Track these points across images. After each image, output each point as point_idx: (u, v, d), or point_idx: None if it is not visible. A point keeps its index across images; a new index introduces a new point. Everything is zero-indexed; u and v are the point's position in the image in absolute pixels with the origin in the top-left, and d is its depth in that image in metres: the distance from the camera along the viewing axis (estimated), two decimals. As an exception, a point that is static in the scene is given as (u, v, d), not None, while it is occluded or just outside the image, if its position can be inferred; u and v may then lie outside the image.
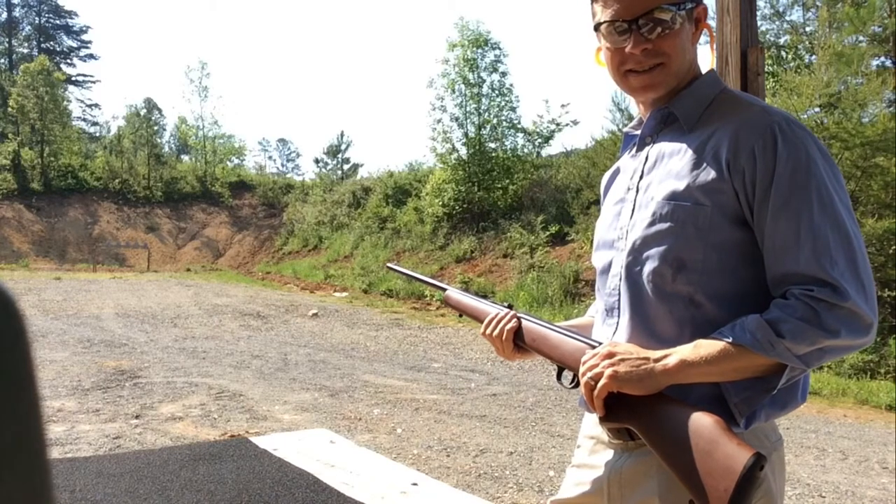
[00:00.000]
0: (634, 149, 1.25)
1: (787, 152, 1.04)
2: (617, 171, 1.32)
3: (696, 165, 1.09)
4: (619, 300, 1.18)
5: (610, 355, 1.07)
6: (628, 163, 1.26)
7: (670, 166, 1.13)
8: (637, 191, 1.18)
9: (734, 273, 1.08)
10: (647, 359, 1.05)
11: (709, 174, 1.07)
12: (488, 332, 1.33)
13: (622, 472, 1.20)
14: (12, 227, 30.08)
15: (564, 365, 1.18)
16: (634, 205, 1.18)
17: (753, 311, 1.05)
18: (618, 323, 1.19)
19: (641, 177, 1.19)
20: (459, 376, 7.40)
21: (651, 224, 1.12)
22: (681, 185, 1.09)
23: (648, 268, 1.12)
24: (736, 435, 0.96)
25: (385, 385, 6.73)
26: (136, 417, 5.13)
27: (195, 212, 34.19)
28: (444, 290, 1.48)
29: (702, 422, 0.97)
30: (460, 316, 1.42)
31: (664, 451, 1.01)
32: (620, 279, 1.17)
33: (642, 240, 1.13)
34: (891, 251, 8.90)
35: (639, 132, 1.25)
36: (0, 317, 0.22)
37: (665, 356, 1.04)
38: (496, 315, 1.33)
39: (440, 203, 20.36)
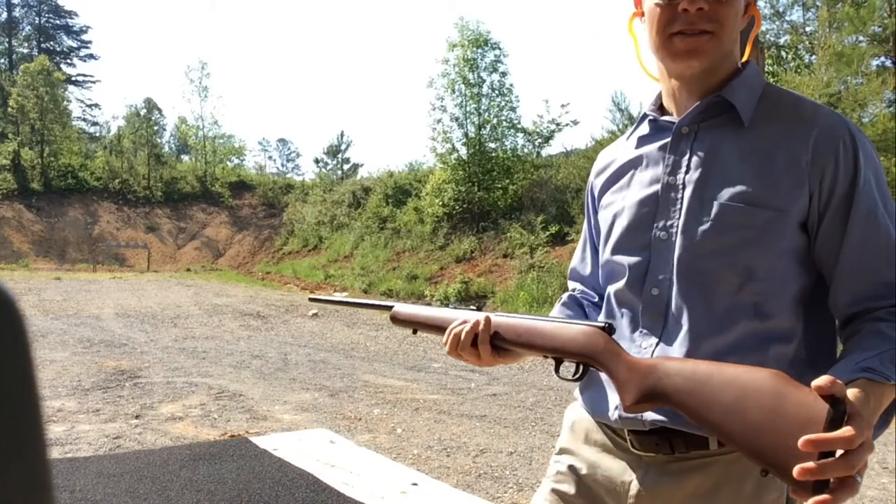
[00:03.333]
0: (664, 137, 1.09)
1: (865, 158, 0.97)
2: (637, 161, 1.14)
3: (771, 168, 0.98)
4: (666, 310, 1.03)
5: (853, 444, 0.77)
6: (654, 153, 1.10)
7: (732, 164, 1.01)
8: (684, 186, 1.04)
9: (796, 281, 1.00)
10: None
11: (788, 178, 0.97)
12: (460, 340, 1.11)
13: (656, 494, 1.04)
14: (12, 227, 30.07)
15: (565, 354, 1.03)
16: (682, 202, 1.03)
17: (815, 321, 1.00)
18: (661, 337, 1.04)
19: (687, 171, 1.04)
20: (459, 376, 7.40)
21: (715, 228, 0.99)
22: (755, 189, 0.98)
23: (712, 275, 1.00)
24: (801, 384, 0.82)
25: (385, 385, 6.73)
26: (136, 417, 5.13)
27: (195, 212, 34.19)
28: (390, 307, 1.23)
29: (759, 379, 0.84)
30: (415, 332, 1.20)
31: (718, 422, 0.85)
32: (671, 286, 1.03)
33: (702, 243, 1.00)
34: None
35: (672, 119, 1.09)
36: (0, 317, 0.22)
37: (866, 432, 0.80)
38: (463, 321, 1.12)
39: (440, 203, 20.36)
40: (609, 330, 0.99)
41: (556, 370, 1.06)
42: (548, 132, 20.52)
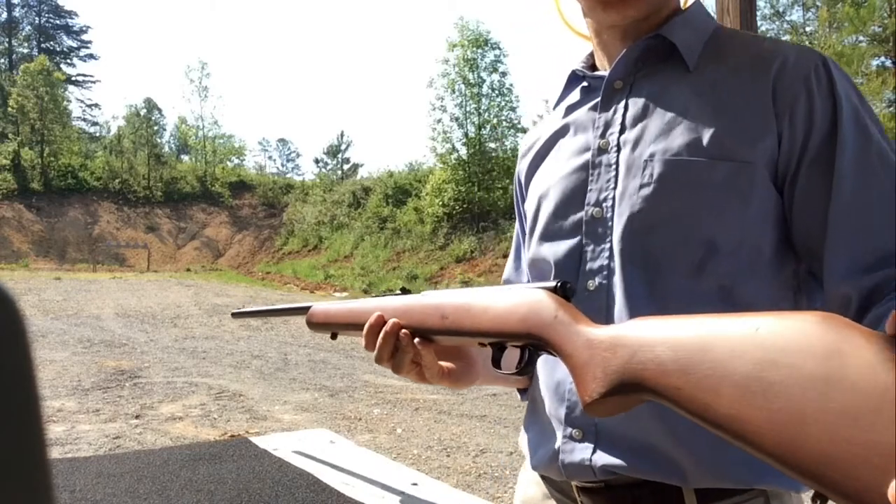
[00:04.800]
0: (595, 97, 0.88)
1: (845, 88, 0.75)
2: (563, 131, 0.92)
3: (726, 110, 0.76)
4: (608, 307, 0.78)
5: None
6: (583, 116, 0.89)
7: (677, 112, 0.79)
8: (618, 148, 0.82)
9: (773, 253, 0.76)
10: None
11: (749, 120, 0.75)
12: (376, 344, 0.80)
13: None
14: (12, 227, 30.09)
15: (503, 336, 0.69)
16: (617, 168, 0.81)
17: (793, 304, 0.78)
18: None
19: (622, 130, 0.82)
20: (459, 376, 7.41)
21: (661, 191, 0.76)
22: (708, 136, 0.75)
23: (661, 255, 0.76)
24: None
25: (385, 385, 6.73)
26: (136, 417, 5.13)
27: (195, 212, 34.21)
28: (308, 308, 0.95)
29: (800, 330, 0.46)
30: (333, 337, 0.94)
31: (732, 418, 0.47)
32: (610, 274, 0.79)
33: (646, 214, 0.77)
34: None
35: (601, 73, 0.88)
36: (0, 317, 0.22)
37: None
38: (377, 315, 0.81)
39: (440, 203, 20.37)
40: (563, 291, 0.67)
41: (495, 362, 0.73)
42: (548, 132, 20.54)
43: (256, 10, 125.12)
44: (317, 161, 47.68)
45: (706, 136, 0.76)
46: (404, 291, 0.84)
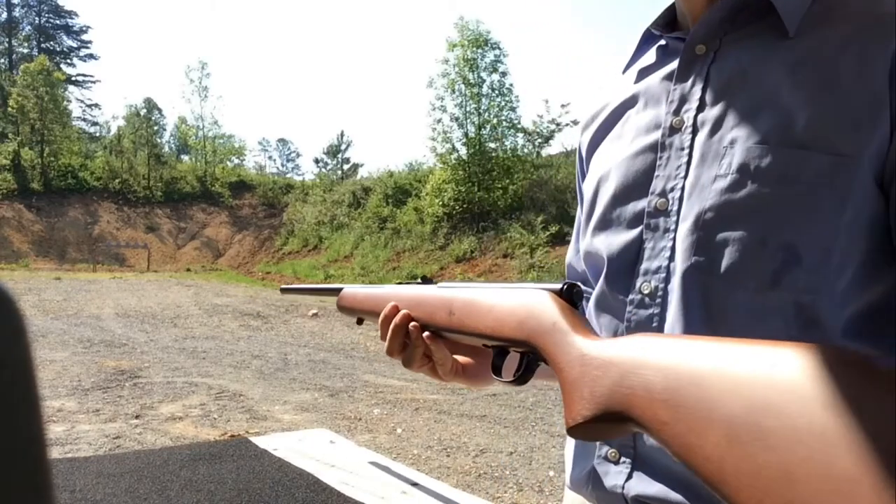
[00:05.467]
0: (672, 62, 0.75)
1: None
2: (634, 101, 0.79)
3: (830, 91, 0.61)
4: (662, 315, 0.69)
5: None
6: (656, 86, 0.76)
7: (768, 89, 0.65)
8: (694, 129, 0.69)
9: (874, 276, 0.62)
10: None
11: (856, 106, 0.60)
12: (387, 334, 0.79)
13: None
14: (12, 227, 30.09)
15: (500, 339, 0.65)
16: (691, 153, 0.69)
17: (877, 329, 0.62)
18: None
19: (701, 108, 0.69)
20: (459, 376, 7.40)
21: (739, 184, 0.64)
22: (803, 122, 0.62)
23: (732, 259, 0.64)
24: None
25: (385, 385, 6.73)
26: (136, 417, 5.13)
27: (195, 212, 34.21)
28: (340, 289, 0.94)
29: (795, 367, 0.40)
30: (359, 322, 0.91)
31: (713, 469, 0.41)
32: (669, 277, 0.68)
33: (717, 211, 0.65)
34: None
35: (684, 34, 0.74)
36: (0, 317, 0.22)
37: None
38: (392, 306, 0.79)
39: (440, 203, 20.38)
40: (569, 294, 0.62)
41: (495, 368, 0.68)
42: (548, 132, 20.57)
43: (256, 11, 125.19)
44: (317, 161, 47.71)
45: (800, 120, 0.62)
46: (425, 280, 0.80)
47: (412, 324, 0.75)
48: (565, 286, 0.62)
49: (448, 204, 20.24)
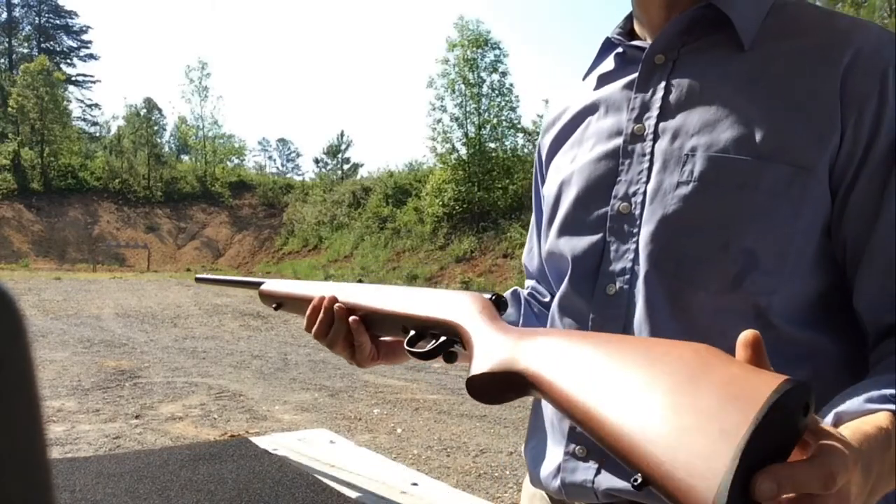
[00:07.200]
0: (631, 71, 0.77)
1: None
2: (594, 107, 0.81)
3: (785, 104, 0.66)
4: (628, 317, 0.71)
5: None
6: (617, 93, 0.78)
7: (727, 100, 0.68)
8: (655, 136, 0.72)
9: (817, 271, 0.67)
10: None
11: (811, 119, 0.64)
12: (315, 322, 0.83)
13: None
14: (12, 227, 30.10)
15: (425, 323, 0.73)
16: (652, 159, 0.71)
17: (841, 332, 0.68)
18: None
19: (662, 116, 0.72)
20: (459, 376, 7.40)
21: (701, 192, 0.67)
22: (761, 133, 0.65)
23: (694, 264, 0.67)
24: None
25: (385, 385, 6.73)
26: (136, 417, 5.13)
27: (195, 212, 34.22)
28: (260, 284, 1.03)
29: (668, 349, 0.48)
30: (277, 308, 1.00)
31: (575, 400, 0.50)
32: (633, 279, 0.71)
33: (679, 218, 0.68)
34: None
35: (642, 44, 0.77)
36: (0, 317, 0.22)
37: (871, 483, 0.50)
38: (319, 298, 0.85)
39: (440, 203, 20.39)
40: (496, 302, 0.68)
41: (410, 342, 0.74)
42: (548, 132, 20.56)
43: (257, 10, 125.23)
44: (317, 161, 47.72)
45: (758, 131, 0.66)
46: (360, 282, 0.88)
47: (337, 305, 0.82)
48: (494, 297, 0.69)
49: (448, 204, 20.24)
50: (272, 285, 1.01)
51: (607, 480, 0.71)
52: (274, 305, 0.99)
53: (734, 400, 0.41)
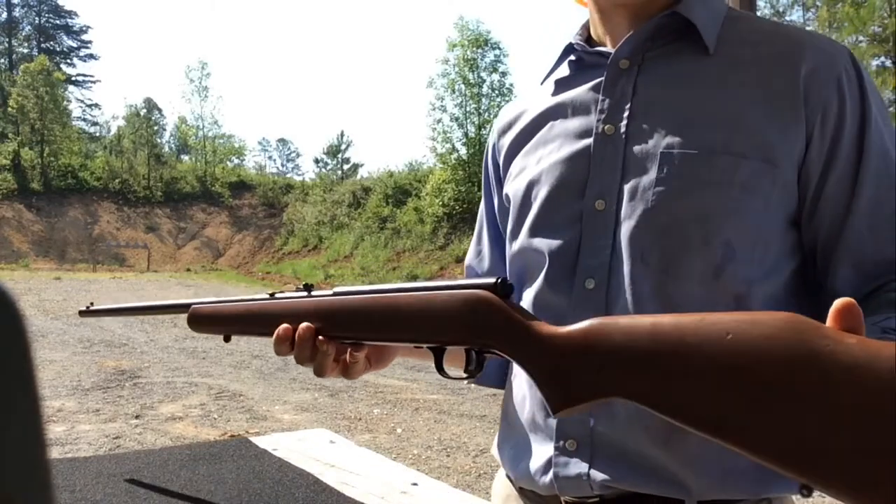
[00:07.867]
0: (595, 76, 0.80)
1: (872, 93, 0.72)
2: (557, 111, 0.83)
3: (751, 102, 0.71)
4: (604, 307, 0.73)
5: None
6: (583, 95, 0.80)
7: (696, 101, 0.73)
8: (627, 136, 0.74)
9: (790, 259, 0.73)
10: None
11: (776, 116, 0.70)
12: (292, 352, 0.73)
13: None
14: (12, 227, 30.10)
15: (444, 342, 0.66)
16: (625, 160, 0.74)
17: (813, 314, 0.65)
18: None
19: (632, 116, 0.75)
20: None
21: (677, 190, 0.70)
22: (731, 131, 0.70)
23: (678, 257, 0.70)
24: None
25: (385, 385, 6.73)
26: (136, 417, 5.13)
27: (195, 212, 34.22)
28: (188, 306, 0.88)
29: (769, 326, 0.47)
30: (227, 339, 0.85)
31: (686, 404, 0.49)
32: (610, 274, 0.73)
33: (660, 214, 0.71)
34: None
35: (606, 49, 0.81)
36: (0, 317, 0.22)
37: None
38: (285, 324, 0.74)
39: (440, 203, 20.39)
40: (503, 289, 0.63)
41: (438, 366, 0.70)
42: (548, 132, 20.60)
43: (257, 10, 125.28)
44: (317, 161, 47.70)
45: (732, 130, 0.70)
46: (307, 288, 0.76)
47: (319, 337, 0.71)
48: (499, 280, 0.63)
49: (448, 204, 20.24)
50: (205, 310, 0.82)
51: (602, 472, 0.71)
52: (223, 336, 0.84)
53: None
